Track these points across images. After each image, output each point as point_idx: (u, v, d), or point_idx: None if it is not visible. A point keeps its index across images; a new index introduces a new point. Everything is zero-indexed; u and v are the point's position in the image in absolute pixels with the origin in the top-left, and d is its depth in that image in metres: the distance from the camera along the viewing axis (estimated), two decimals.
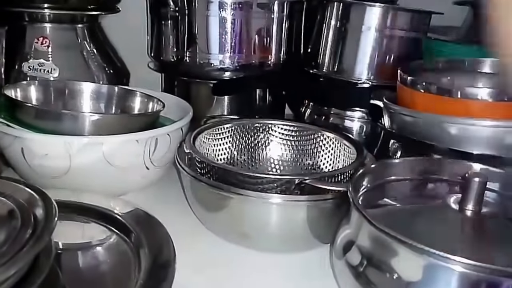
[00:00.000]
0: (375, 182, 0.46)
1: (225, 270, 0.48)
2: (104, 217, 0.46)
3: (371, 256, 0.38)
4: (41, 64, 0.69)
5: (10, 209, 0.38)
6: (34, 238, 0.35)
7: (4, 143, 0.53)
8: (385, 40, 0.70)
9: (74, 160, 0.51)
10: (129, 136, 0.53)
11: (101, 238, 0.45)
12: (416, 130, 0.53)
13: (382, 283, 0.36)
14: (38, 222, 0.36)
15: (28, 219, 0.37)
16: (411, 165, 0.47)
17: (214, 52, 0.74)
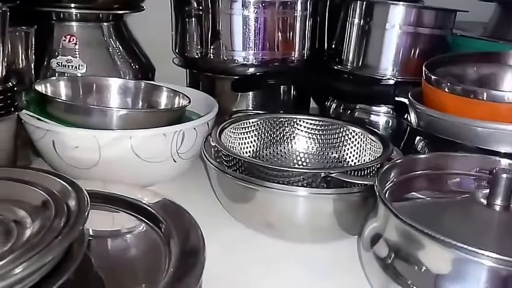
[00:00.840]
0: (401, 176, 0.46)
1: (252, 259, 0.49)
2: (133, 206, 0.47)
3: (399, 249, 0.38)
4: (69, 61, 0.70)
5: (44, 199, 0.39)
6: (68, 227, 0.35)
7: (36, 136, 0.54)
8: (409, 38, 0.70)
9: (103, 153, 0.52)
10: (157, 130, 0.54)
11: (130, 227, 0.46)
12: (443, 128, 0.53)
13: (410, 275, 0.36)
14: (71, 211, 0.37)
15: (62, 208, 0.37)
16: (438, 160, 0.47)
17: (237, 49, 0.75)
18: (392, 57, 0.70)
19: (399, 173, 0.45)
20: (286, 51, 0.77)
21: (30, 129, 0.55)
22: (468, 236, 0.35)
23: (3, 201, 0.40)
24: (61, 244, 0.34)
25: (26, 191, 0.41)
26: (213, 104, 0.64)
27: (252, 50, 0.75)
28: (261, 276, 0.46)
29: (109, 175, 0.53)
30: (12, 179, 0.42)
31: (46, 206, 0.38)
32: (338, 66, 0.76)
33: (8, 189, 0.41)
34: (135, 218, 0.46)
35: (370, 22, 0.71)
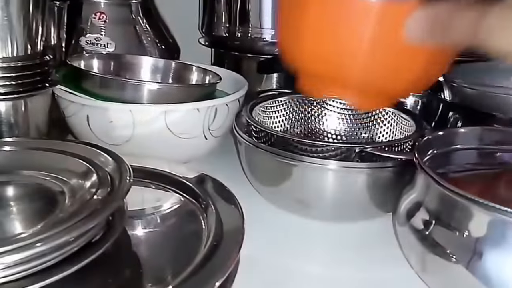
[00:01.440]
0: (440, 150, 0.45)
1: (284, 238, 0.49)
2: (171, 181, 0.47)
3: (438, 219, 0.38)
4: (98, 39, 0.70)
5: (88, 170, 0.39)
6: (112, 196, 0.36)
7: (69, 111, 0.55)
8: None
9: (137, 128, 0.52)
10: (191, 105, 0.54)
11: (169, 201, 0.46)
12: (480, 101, 0.52)
13: (450, 242, 0.36)
14: (114, 182, 0.37)
15: (105, 178, 0.38)
16: (477, 134, 0.47)
17: (266, 27, 0.74)
18: None
19: (437, 147, 0.45)
20: None
21: (63, 104, 0.55)
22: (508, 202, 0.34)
23: (46, 171, 0.41)
24: (104, 213, 0.34)
25: (68, 162, 0.41)
26: (242, 82, 0.63)
27: None
28: (293, 255, 0.46)
29: (140, 151, 0.52)
30: (54, 150, 0.43)
31: (88, 176, 0.39)
32: None
33: (50, 159, 0.42)
34: (174, 193, 0.46)
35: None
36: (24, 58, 0.50)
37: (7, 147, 0.44)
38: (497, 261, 0.33)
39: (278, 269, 0.44)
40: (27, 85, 0.51)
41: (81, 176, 0.39)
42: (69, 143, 0.45)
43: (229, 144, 0.63)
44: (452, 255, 0.36)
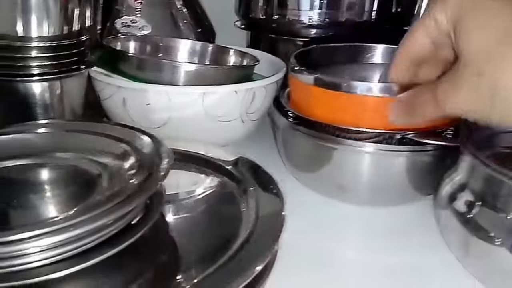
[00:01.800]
0: (481, 133, 0.44)
1: (322, 223, 0.49)
2: (209, 164, 0.47)
3: (483, 200, 0.38)
4: (134, 21, 0.70)
5: (126, 152, 0.40)
6: (150, 180, 0.35)
7: (105, 94, 0.54)
8: None
9: (174, 110, 0.52)
10: (229, 87, 0.53)
11: (207, 184, 0.46)
12: None
13: (494, 225, 0.37)
14: (153, 164, 0.37)
15: (144, 161, 0.38)
16: None
17: (304, 9, 0.74)
18: None
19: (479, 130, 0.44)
20: (352, 12, 0.75)
21: (99, 86, 0.55)
22: None
23: (83, 154, 0.41)
24: (142, 196, 0.34)
25: (106, 144, 0.41)
26: (280, 65, 0.62)
27: (317, 9, 0.73)
28: (331, 239, 0.47)
29: (177, 134, 0.52)
30: (91, 132, 0.43)
31: (126, 158, 0.39)
32: (408, 26, 0.73)
33: (87, 141, 0.42)
34: (211, 176, 0.47)
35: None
36: (60, 37, 0.50)
37: (43, 129, 0.45)
38: None
39: (316, 253, 0.44)
40: (62, 66, 0.51)
41: (119, 158, 0.39)
42: (106, 125, 0.45)
43: (264, 128, 0.63)
44: (496, 238, 0.36)
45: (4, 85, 0.49)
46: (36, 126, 0.45)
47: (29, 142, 0.43)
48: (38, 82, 0.50)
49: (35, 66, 0.49)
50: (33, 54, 0.48)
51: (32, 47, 0.48)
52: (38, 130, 0.44)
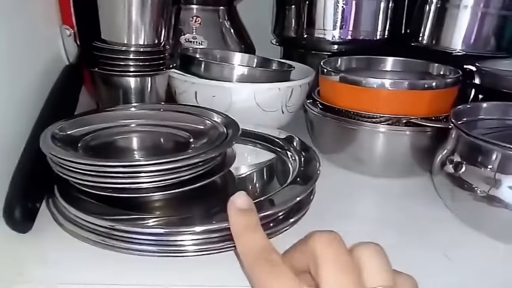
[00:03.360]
0: (469, 118, 0.58)
1: (343, 189, 0.61)
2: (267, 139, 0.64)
3: (466, 160, 0.51)
4: (194, 38, 0.87)
5: (207, 123, 0.56)
6: (226, 141, 0.51)
7: (181, 89, 0.71)
8: (479, 17, 0.82)
9: (233, 101, 0.67)
10: (274, 85, 0.69)
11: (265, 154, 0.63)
12: (504, 83, 0.66)
13: (474, 177, 0.49)
14: (227, 133, 0.53)
15: (220, 131, 0.54)
16: (500, 107, 0.60)
17: (328, 29, 0.89)
18: (462, 34, 0.83)
19: (468, 115, 0.58)
20: (369, 31, 0.90)
21: (176, 83, 0.71)
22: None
23: (176, 124, 0.58)
24: (221, 148, 0.50)
25: (191, 118, 0.58)
26: (310, 71, 0.78)
27: (339, 29, 0.89)
28: (350, 203, 0.58)
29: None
30: (180, 111, 0.60)
31: (207, 128, 0.55)
32: (415, 43, 0.89)
33: (177, 117, 0.59)
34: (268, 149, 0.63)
35: (445, 3, 0.83)
36: (150, 46, 0.67)
37: (138, 108, 0.62)
38: (506, 185, 0.47)
39: (337, 209, 0.55)
40: (151, 66, 0.68)
41: (201, 128, 0.56)
42: (188, 106, 0.62)
43: (299, 121, 0.78)
44: (476, 188, 0.49)
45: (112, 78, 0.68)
46: (135, 106, 0.62)
47: (133, 115, 0.60)
48: (133, 77, 0.68)
49: (132, 65, 0.66)
50: (131, 56, 0.66)
51: (131, 51, 0.66)
52: (137, 108, 0.62)
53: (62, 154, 0.46)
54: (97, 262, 0.43)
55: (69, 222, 0.46)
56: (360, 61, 0.77)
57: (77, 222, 0.45)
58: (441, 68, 0.71)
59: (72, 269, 0.42)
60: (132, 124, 0.58)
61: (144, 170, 0.45)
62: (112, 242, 0.43)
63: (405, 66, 0.75)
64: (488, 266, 0.47)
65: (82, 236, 0.44)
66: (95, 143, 0.53)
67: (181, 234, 0.43)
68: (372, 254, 0.31)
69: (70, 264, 0.43)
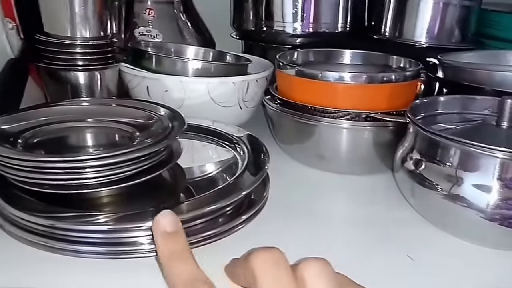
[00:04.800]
0: (427, 113, 0.56)
1: (305, 187, 0.60)
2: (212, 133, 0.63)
3: (425, 157, 0.49)
4: (148, 31, 0.83)
5: (151, 117, 0.54)
6: (171, 133, 0.49)
7: (133, 84, 0.68)
8: (441, 8, 0.81)
9: (186, 96, 0.65)
10: (228, 79, 0.67)
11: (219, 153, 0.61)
12: (465, 76, 0.64)
13: (435, 175, 0.47)
14: (173, 126, 0.51)
15: (165, 124, 0.51)
16: (457, 101, 0.58)
17: (287, 21, 0.87)
18: (426, 26, 0.81)
19: (425, 110, 0.56)
20: (330, 23, 0.88)
21: (128, 78, 0.68)
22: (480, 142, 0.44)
23: (120, 119, 0.55)
24: (165, 141, 0.48)
25: (136, 113, 0.55)
26: (269, 65, 0.75)
27: (299, 22, 0.86)
28: (311, 201, 0.56)
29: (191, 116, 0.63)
30: (124, 105, 0.57)
31: (152, 122, 0.53)
32: (378, 35, 0.87)
33: (122, 111, 0.56)
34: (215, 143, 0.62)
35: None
36: (97, 39, 0.64)
37: (87, 103, 0.59)
38: (469, 183, 0.45)
39: (294, 208, 0.54)
40: (99, 60, 0.65)
41: (147, 122, 0.53)
42: (134, 100, 0.60)
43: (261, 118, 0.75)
44: (436, 184, 0.47)
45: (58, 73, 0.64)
46: (83, 101, 0.60)
47: (78, 110, 0.57)
48: (81, 72, 0.65)
49: (79, 59, 0.64)
50: (78, 50, 0.63)
51: (77, 44, 0.63)
52: (84, 103, 0.59)
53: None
54: (35, 265, 0.41)
55: (7, 222, 0.44)
56: (318, 54, 0.74)
57: (16, 222, 0.43)
58: (401, 61, 0.69)
59: (4, 272, 0.40)
60: (76, 119, 0.55)
61: (84, 165, 0.43)
62: (53, 243, 0.41)
63: (365, 59, 0.73)
64: (452, 266, 0.45)
65: (20, 237, 0.42)
66: (36, 139, 0.51)
67: (129, 230, 0.41)
68: (317, 273, 0.28)
69: (4, 267, 0.41)
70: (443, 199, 0.46)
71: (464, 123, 0.56)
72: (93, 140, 0.54)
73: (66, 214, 0.42)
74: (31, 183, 0.43)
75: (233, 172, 0.52)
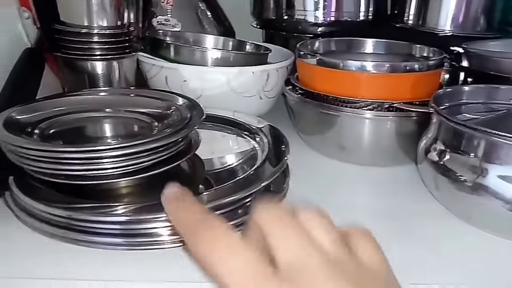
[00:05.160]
0: (451, 102, 0.55)
1: (326, 180, 0.59)
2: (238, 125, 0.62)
3: (449, 148, 0.48)
4: (167, 20, 0.82)
5: (170, 107, 0.53)
6: (190, 123, 0.48)
7: (151, 73, 0.67)
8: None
9: (205, 86, 0.64)
10: (248, 68, 0.65)
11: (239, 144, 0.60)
12: (490, 65, 0.62)
13: (459, 166, 0.46)
14: (191, 116, 0.50)
15: (184, 114, 0.50)
16: (482, 91, 0.57)
17: (309, 9, 0.85)
18: (450, 14, 0.79)
19: (449, 100, 0.55)
20: (352, 12, 0.86)
21: (146, 67, 0.68)
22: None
23: (138, 110, 0.54)
24: (184, 131, 0.47)
25: (154, 102, 0.55)
26: (290, 54, 0.74)
27: (321, 10, 0.85)
28: (332, 192, 0.55)
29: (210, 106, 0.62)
30: (142, 95, 0.57)
31: (171, 112, 0.52)
32: (400, 24, 0.85)
33: (140, 101, 0.55)
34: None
35: None
36: (114, 28, 0.64)
37: (105, 92, 0.59)
38: (494, 174, 0.43)
39: (314, 200, 0.51)
40: (117, 49, 0.65)
41: (165, 112, 0.52)
42: (153, 90, 0.59)
43: (280, 109, 0.75)
44: (459, 175, 0.46)
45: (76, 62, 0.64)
46: (100, 91, 0.59)
47: (96, 100, 0.56)
48: (100, 61, 0.64)
49: (97, 48, 0.63)
50: (95, 39, 0.63)
51: (94, 33, 0.62)
52: (102, 93, 0.58)
53: (14, 140, 0.43)
54: (52, 256, 0.40)
55: (23, 212, 0.43)
56: (339, 43, 0.73)
57: (33, 212, 0.43)
58: (425, 50, 0.67)
59: (19, 263, 0.40)
60: (93, 109, 0.55)
61: (102, 156, 0.42)
62: (70, 234, 0.40)
63: (387, 48, 0.71)
64: (477, 260, 0.44)
65: (37, 228, 0.42)
66: (53, 130, 0.50)
67: (147, 222, 0.41)
68: (316, 214, 0.29)
69: (19, 258, 0.40)
70: (467, 191, 0.45)
71: (489, 113, 0.55)
72: (111, 131, 0.53)
73: (83, 205, 0.41)
74: (47, 174, 0.43)
75: (253, 163, 0.52)
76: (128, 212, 0.41)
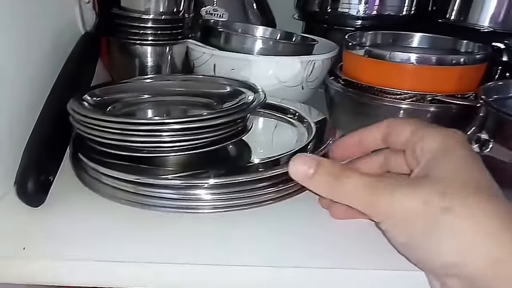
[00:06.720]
0: (500, 95, 0.55)
1: None
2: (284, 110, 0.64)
3: (495, 139, 0.48)
4: (215, 10, 0.85)
5: (233, 92, 0.55)
6: (251, 107, 0.50)
7: (200, 61, 0.69)
8: None
9: (252, 74, 0.66)
10: (296, 58, 0.67)
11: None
12: None
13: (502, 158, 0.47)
14: (253, 98, 0.52)
15: (247, 97, 0.53)
16: None
17: (353, 3, 0.86)
18: (492, 10, 0.79)
19: (497, 93, 0.55)
20: (396, 6, 0.87)
21: (195, 55, 0.70)
22: None
23: (201, 93, 0.57)
24: (245, 111, 0.50)
25: (216, 87, 0.58)
26: (334, 46, 0.75)
27: (365, 4, 0.86)
28: None
29: None
30: (203, 80, 0.60)
31: (233, 96, 0.54)
32: (442, 19, 0.86)
33: (204, 86, 0.59)
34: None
35: None
36: (169, 14, 0.67)
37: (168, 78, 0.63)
38: None
39: None
40: (169, 35, 0.68)
41: (227, 96, 0.55)
42: (211, 77, 0.62)
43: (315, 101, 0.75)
44: None
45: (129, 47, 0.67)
46: (164, 77, 0.64)
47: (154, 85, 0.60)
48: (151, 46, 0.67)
49: (150, 33, 0.66)
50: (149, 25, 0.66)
51: (150, 19, 0.65)
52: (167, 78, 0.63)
53: (87, 112, 0.47)
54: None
55: (93, 178, 0.48)
56: (385, 37, 0.74)
57: (101, 179, 0.47)
58: (469, 45, 0.68)
59: (80, 244, 0.41)
60: (153, 94, 0.58)
61: (166, 128, 0.45)
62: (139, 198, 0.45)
63: (432, 43, 0.72)
64: None
65: (106, 193, 0.46)
66: (123, 111, 0.54)
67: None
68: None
69: (77, 239, 0.42)
70: None
71: None
72: (175, 111, 0.57)
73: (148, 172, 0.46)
74: (116, 146, 0.46)
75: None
76: (179, 177, 0.46)
